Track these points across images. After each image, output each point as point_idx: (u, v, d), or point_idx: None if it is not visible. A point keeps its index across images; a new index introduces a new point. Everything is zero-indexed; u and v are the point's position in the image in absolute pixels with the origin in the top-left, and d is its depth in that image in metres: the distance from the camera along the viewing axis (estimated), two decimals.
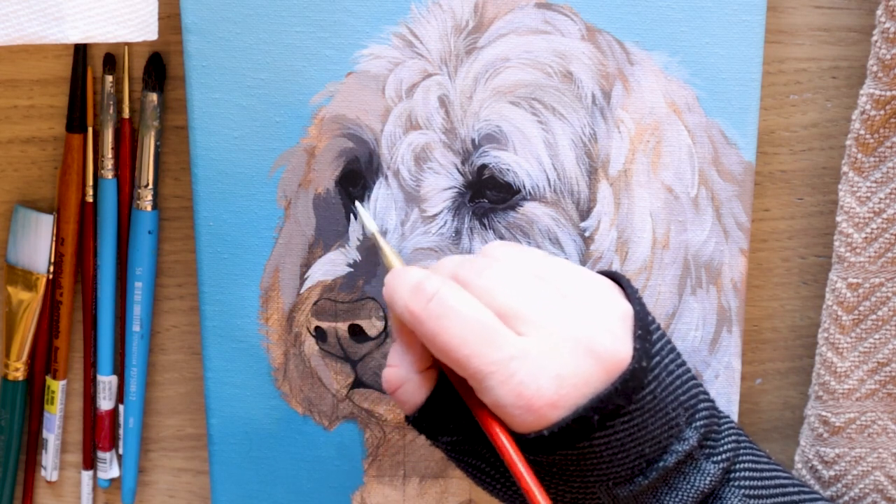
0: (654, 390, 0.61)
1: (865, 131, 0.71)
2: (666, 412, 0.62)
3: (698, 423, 0.63)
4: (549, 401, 0.59)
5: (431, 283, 0.61)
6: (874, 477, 0.76)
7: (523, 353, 0.60)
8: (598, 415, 0.60)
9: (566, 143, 0.72)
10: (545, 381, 0.60)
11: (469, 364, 0.60)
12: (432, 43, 0.71)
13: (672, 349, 0.63)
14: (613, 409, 0.60)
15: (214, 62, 0.71)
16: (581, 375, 0.60)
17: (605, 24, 0.71)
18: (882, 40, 0.70)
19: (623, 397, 0.60)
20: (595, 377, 0.60)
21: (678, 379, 0.63)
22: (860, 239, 0.73)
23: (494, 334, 0.60)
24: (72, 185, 0.74)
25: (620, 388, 0.60)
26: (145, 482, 0.81)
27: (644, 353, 0.61)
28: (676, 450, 0.62)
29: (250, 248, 0.74)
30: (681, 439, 0.62)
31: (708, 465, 0.63)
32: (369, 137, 0.72)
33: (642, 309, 0.63)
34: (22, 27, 0.66)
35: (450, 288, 0.61)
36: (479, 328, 0.60)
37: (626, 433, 0.61)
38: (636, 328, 0.62)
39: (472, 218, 0.73)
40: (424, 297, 0.61)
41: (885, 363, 0.75)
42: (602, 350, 0.60)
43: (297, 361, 0.75)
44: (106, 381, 0.77)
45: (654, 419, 0.61)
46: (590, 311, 0.62)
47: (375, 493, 0.77)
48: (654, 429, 0.61)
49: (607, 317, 0.62)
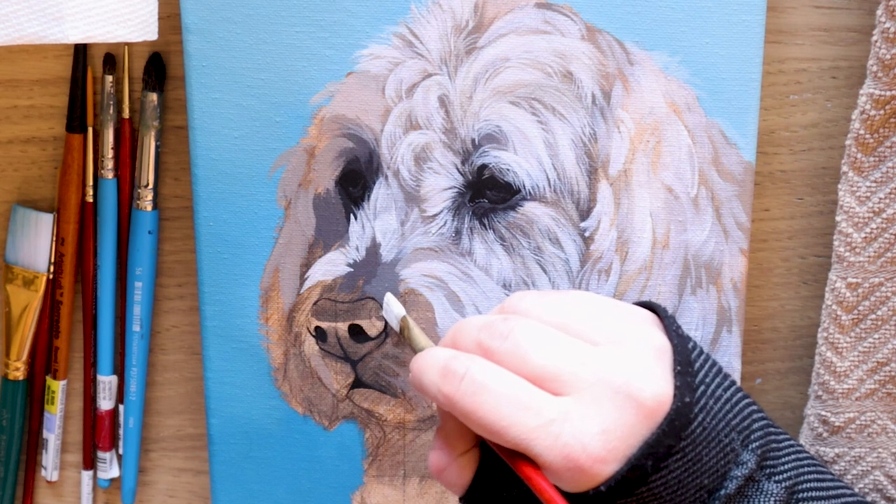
0: (703, 421, 0.60)
1: (865, 131, 0.71)
2: (719, 440, 0.60)
3: (754, 444, 0.62)
4: (598, 458, 0.58)
5: (460, 364, 0.60)
6: (874, 477, 0.76)
7: (563, 414, 0.59)
8: (650, 460, 0.59)
9: (566, 143, 0.72)
10: (590, 438, 0.58)
11: (509, 434, 0.59)
12: (432, 43, 0.71)
13: (718, 372, 0.62)
14: (665, 451, 0.59)
15: (214, 62, 0.71)
16: (626, 426, 0.59)
17: (605, 24, 0.71)
18: (882, 40, 0.70)
19: (672, 437, 0.59)
20: (640, 424, 0.59)
21: (727, 403, 0.61)
22: (860, 239, 0.73)
23: (530, 400, 0.59)
24: (72, 185, 0.74)
25: (668, 429, 0.59)
26: (145, 482, 0.81)
27: (686, 388, 0.60)
28: (736, 475, 0.61)
29: (250, 248, 0.74)
30: (738, 464, 0.61)
31: (771, 485, 0.62)
32: (369, 137, 0.72)
33: (680, 340, 0.62)
34: (22, 27, 0.66)
35: (479, 365, 0.60)
36: (515, 398, 0.59)
37: (682, 469, 0.60)
38: (675, 363, 0.61)
39: (472, 218, 0.73)
40: (456, 379, 0.60)
41: (885, 363, 0.75)
42: (642, 395, 0.59)
43: (297, 361, 0.75)
44: (106, 381, 0.77)
45: (707, 449, 0.60)
46: (624, 355, 0.60)
47: (375, 493, 0.77)
48: (710, 459, 0.60)
49: (643, 357, 0.60)
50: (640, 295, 0.74)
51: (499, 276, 0.73)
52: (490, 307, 0.73)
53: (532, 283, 0.73)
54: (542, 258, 0.73)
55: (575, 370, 0.60)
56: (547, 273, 0.73)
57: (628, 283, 0.74)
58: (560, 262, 0.73)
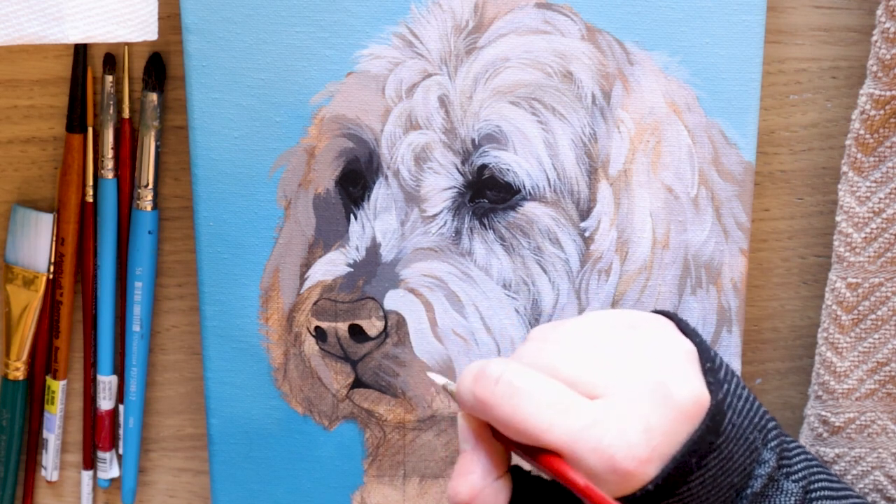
0: (732, 419, 0.60)
1: (865, 131, 0.71)
2: (745, 437, 0.60)
3: (772, 442, 0.62)
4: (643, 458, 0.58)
5: (494, 367, 0.59)
6: (874, 477, 0.76)
7: (604, 415, 0.58)
8: (695, 457, 0.58)
9: (566, 143, 0.72)
10: (635, 437, 0.58)
11: (551, 436, 0.58)
12: (432, 43, 0.71)
13: (733, 374, 0.62)
14: (707, 448, 0.59)
15: (214, 62, 0.71)
16: (667, 424, 0.58)
17: (605, 24, 0.71)
18: (882, 40, 0.70)
19: (714, 433, 0.59)
20: (679, 422, 0.59)
21: (747, 402, 0.61)
22: (860, 239, 0.73)
23: (570, 403, 0.58)
24: (72, 185, 0.74)
25: (711, 424, 0.59)
26: (145, 482, 0.81)
27: (717, 385, 0.60)
28: (759, 474, 0.61)
29: (250, 248, 0.74)
30: (761, 462, 0.61)
31: (789, 484, 0.62)
32: (369, 137, 0.72)
33: (702, 342, 0.62)
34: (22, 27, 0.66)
35: (514, 368, 0.59)
36: (553, 400, 0.58)
37: (718, 467, 0.59)
38: (703, 362, 0.61)
39: (472, 218, 0.73)
40: (491, 381, 0.59)
41: (885, 363, 0.75)
42: (680, 395, 0.59)
43: (297, 361, 0.75)
44: (106, 381, 0.77)
45: (737, 447, 0.60)
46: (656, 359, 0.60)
47: (375, 493, 0.77)
48: (739, 457, 0.60)
49: (674, 359, 0.60)
50: (641, 295, 0.74)
51: (499, 276, 0.73)
52: (490, 307, 0.73)
53: (532, 283, 0.73)
54: (542, 258, 0.73)
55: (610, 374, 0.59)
56: (547, 273, 0.73)
57: (628, 283, 0.74)
58: (560, 262, 0.73)
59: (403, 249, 0.73)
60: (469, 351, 0.74)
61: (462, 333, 0.73)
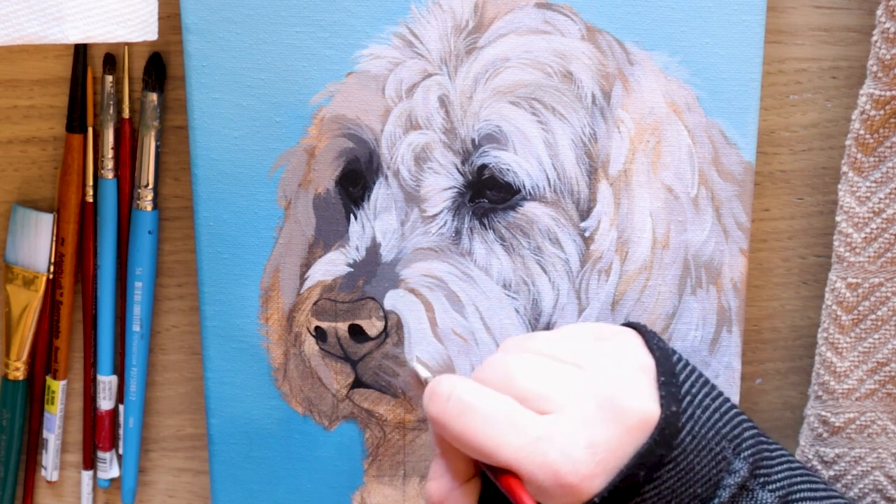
0: (692, 430, 0.60)
1: (865, 131, 0.71)
2: (710, 448, 0.61)
3: (746, 452, 0.62)
4: (586, 473, 0.59)
5: (445, 385, 0.61)
6: (874, 477, 0.76)
7: (549, 431, 0.59)
8: (643, 470, 0.59)
9: (566, 143, 0.72)
10: (579, 452, 0.59)
11: (500, 454, 0.59)
12: (432, 43, 0.71)
13: (704, 383, 0.62)
14: (657, 461, 0.59)
15: (214, 62, 0.71)
16: (613, 439, 0.59)
17: (605, 24, 0.71)
18: (882, 40, 0.70)
19: (664, 447, 0.59)
20: (627, 437, 0.59)
21: (716, 413, 0.62)
22: (860, 239, 0.73)
23: (517, 419, 0.59)
24: (72, 185, 0.74)
25: (659, 438, 0.59)
26: (145, 482, 0.81)
27: (672, 398, 0.60)
28: (728, 483, 0.61)
29: (250, 248, 0.74)
30: (730, 472, 0.61)
31: (764, 493, 0.62)
32: (369, 137, 0.72)
33: (662, 353, 0.62)
34: (22, 27, 0.66)
35: (464, 384, 0.61)
36: (501, 416, 0.59)
37: (675, 478, 0.60)
38: (659, 375, 0.61)
39: (472, 218, 0.73)
40: (441, 399, 0.61)
41: (885, 363, 0.75)
42: (629, 409, 0.59)
43: (297, 361, 0.75)
44: (106, 381, 0.77)
45: (698, 458, 0.60)
46: (608, 374, 0.61)
47: (375, 493, 0.77)
48: (702, 468, 0.60)
49: (627, 375, 0.61)
50: (641, 295, 0.74)
51: (499, 276, 0.73)
52: (490, 307, 0.73)
53: (532, 283, 0.73)
54: (542, 258, 0.73)
55: (560, 389, 0.60)
56: (547, 273, 0.73)
57: (628, 283, 0.74)
58: (560, 262, 0.73)
59: (403, 249, 0.73)
60: (469, 351, 0.74)
61: (462, 333, 0.73)
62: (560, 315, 0.74)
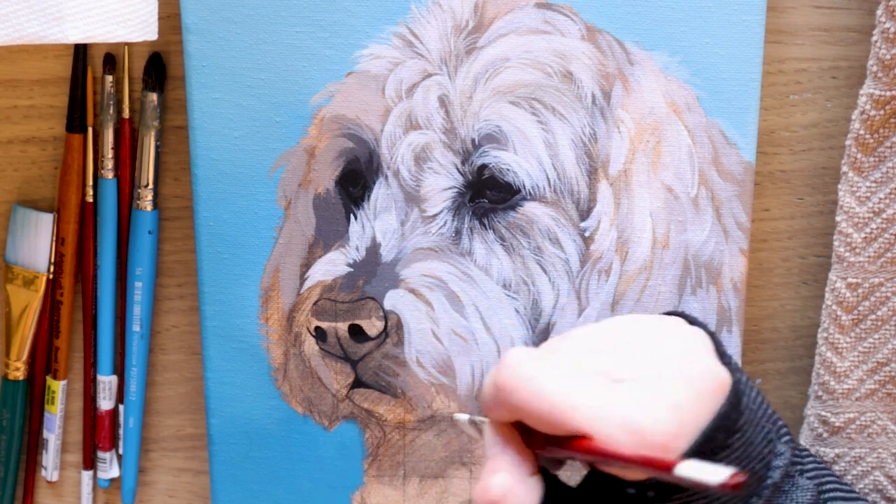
0: (749, 403, 0.60)
1: (865, 131, 0.71)
2: (761, 424, 0.60)
3: (785, 437, 0.61)
4: (673, 431, 0.56)
5: (514, 354, 0.58)
6: (874, 477, 0.76)
7: (629, 393, 0.56)
8: (721, 433, 0.57)
9: (566, 143, 0.72)
10: (663, 412, 0.56)
11: (576, 416, 0.56)
12: (432, 43, 0.71)
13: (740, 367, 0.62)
14: (732, 425, 0.58)
15: (214, 62, 0.71)
16: (693, 400, 0.57)
17: (605, 24, 0.71)
18: (882, 40, 0.70)
19: (737, 411, 0.58)
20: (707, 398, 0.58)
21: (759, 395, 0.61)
22: (860, 239, 0.73)
23: (593, 382, 0.57)
24: (72, 185, 0.74)
25: (734, 401, 0.58)
26: (145, 482, 0.81)
27: (734, 368, 0.60)
28: (777, 465, 0.60)
29: (250, 248, 0.74)
30: (777, 454, 0.60)
31: (803, 480, 0.61)
32: (369, 137, 0.72)
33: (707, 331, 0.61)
34: (22, 27, 0.66)
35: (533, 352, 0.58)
36: (575, 379, 0.57)
37: (742, 451, 0.59)
38: (716, 348, 0.60)
39: (472, 218, 0.73)
40: (511, 367, 0.57)
41: (885, 363, 0.75)
42: (707, 372, 0.58)
43: (297, 361, 0.75)
44: (106, 381, 0.77)
45: (755, 432, 0.59)
46: (673, 345, 0.60)
47: (375, 493, 0.77)
48: (758, 443, 0.60)
49: (691, 345, 0.60)
50: (641, 295, 0.74)
51: (499, 276, 0.73)
52: (490, 307, 0.73)
53: (532, 283, 0.73)
54: (542, 258, 0.73)
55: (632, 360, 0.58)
56: (547, 273, 0.73)
57: (628, 283, 0.74)
58: (560, 262, 0.73)
59: (403, 249, 0.73)
60: (469, 351, 0.74)
61: (462, 333, 0.73)
62: (560, 315, 0.74)
